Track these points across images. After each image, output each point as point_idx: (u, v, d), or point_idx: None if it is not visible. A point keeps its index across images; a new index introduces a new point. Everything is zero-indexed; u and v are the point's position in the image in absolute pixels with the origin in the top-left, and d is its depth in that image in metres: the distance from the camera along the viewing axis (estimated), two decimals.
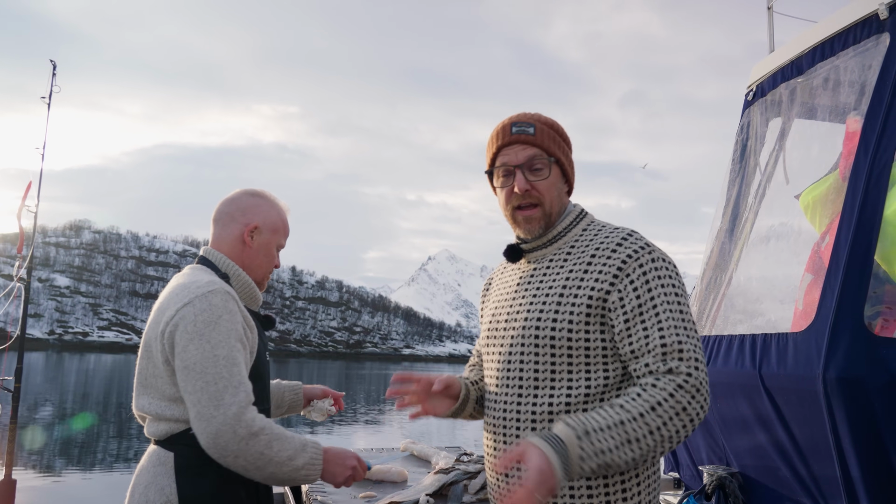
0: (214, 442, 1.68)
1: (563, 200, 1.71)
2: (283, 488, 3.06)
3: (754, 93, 3.61)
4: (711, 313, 3.40)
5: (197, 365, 1.72)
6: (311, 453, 1.78)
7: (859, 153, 2.50)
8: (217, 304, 1.79)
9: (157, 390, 1.81)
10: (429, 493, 2.50)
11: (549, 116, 1.71)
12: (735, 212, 3.57)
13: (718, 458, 2.94)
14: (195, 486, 1.76)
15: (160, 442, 1.83)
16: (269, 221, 2.05)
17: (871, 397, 2.17)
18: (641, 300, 1.52)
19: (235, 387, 1.72)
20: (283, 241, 2.11)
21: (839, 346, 2.25)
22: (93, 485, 11.71)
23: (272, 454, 1.72)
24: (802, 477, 2.41)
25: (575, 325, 1.55)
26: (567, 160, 1.71)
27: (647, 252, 1.57)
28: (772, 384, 2.48)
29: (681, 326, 1.51)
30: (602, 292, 1.55)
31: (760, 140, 3.59)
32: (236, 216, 2.03)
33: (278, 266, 2.12)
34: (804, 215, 3.02)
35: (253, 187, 2.13)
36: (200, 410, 1.70)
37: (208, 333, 1.75)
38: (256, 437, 1.70)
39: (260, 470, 1.73)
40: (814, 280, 2.72)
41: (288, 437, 1.76)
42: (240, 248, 2.01)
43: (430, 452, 3.24)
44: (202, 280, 1.86)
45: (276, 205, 2.09)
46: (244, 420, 1.69)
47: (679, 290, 1.55)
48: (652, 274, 1.54)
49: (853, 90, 2.84)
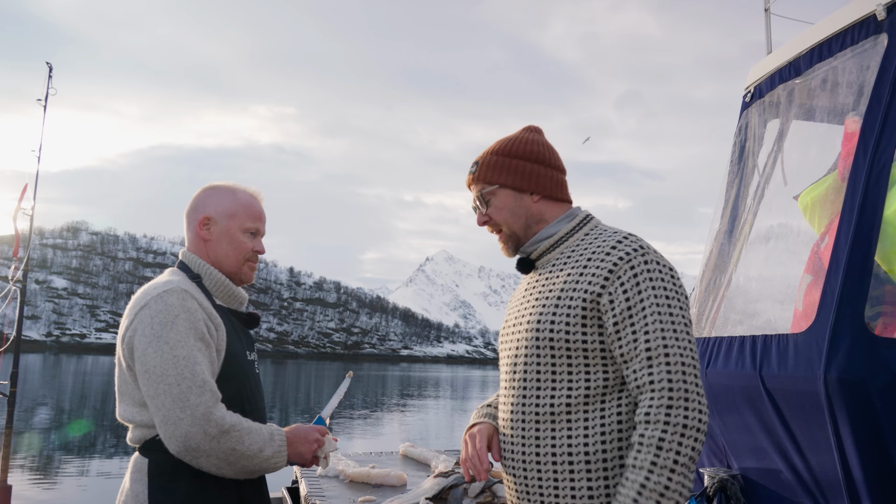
0: (185, 444, 1.65)
1: (529, 212, 1.76)
2: (281, 492, 3.05)
3: (752, 94, 3.61)
4: (711, 315, 3.40)
5: (157, 368, 1.68)
6: (278, 441, 1.78)
7: (858, 153, 2.50)
8: (173, 303, 1.75)
9: (130, 396, 1.79)
10: (429, 496, 2.49)
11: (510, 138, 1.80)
12: (734, 213, 3.56)
13: (719, 461, 2.93)
14: (167, 493, 1.73)
15: (138, 448, 1.80)
16: (222, 208, 1.97)
17: (872, 398, 2.17)
18: (630, 303, 1.54)
19: (200, 386, 1.69)
20: (251, 224, 1.99)
21: (840, 347, 2.24)
22: (88, 491, 11.67)
23: (243, 449, 1.70)
24: (804, 478, 2.40)
25: (572, 326, 1.58)
26: (516, 176, 1.75)
27: (639, 255, 1.58)
28: (772, 385, 2.48)
29: (668, 330, 1.51)
30: (594, 294, 1.57)
31: (759, 141, 3.59)
32: (190, 215, 1.98)
33: (259, 251, 2.02)
34: (803, 216, 3.02)
35: (216, 182, 2.06)
36: (166, 414, 1.66)
37: (165, 334, 1.71)
38: (227, 434, 1.68)
39: (231, 465, 1.71)
40: (813, 281, 2.71)
41: (255, 429, 1.75)
42: (202, 245, 1.96)
43: (429, 456, 3.23)
44: (161, 281, 1.83)
45: (232, 190, 2.01)
46: (213, 419, 1.67)
47: (671, 293, 1.55)
48: (643, 276, 1.55)
49: (851, 91, 2.83)
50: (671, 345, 1.49)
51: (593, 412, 1.56)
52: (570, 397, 1.57)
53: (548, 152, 1.79)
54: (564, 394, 1.58)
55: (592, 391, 1.57)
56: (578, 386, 1.57)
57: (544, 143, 1.81)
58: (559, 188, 1.78)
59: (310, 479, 2.87)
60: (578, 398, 1.57)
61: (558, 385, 1.59)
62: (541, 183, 1.75)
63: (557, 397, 1.58)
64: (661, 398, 1.46)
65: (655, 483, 1.43)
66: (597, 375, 1.57)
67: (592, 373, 1.57)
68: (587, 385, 1.57)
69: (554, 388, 1.59)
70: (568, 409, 1.57)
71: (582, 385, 1.57)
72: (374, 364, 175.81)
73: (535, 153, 1.77)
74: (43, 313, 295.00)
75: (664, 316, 1.52)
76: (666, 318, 1.51)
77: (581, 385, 1.57)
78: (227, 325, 1.88)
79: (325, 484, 2.80)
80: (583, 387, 1.57)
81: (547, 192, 1.76)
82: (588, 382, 1.57)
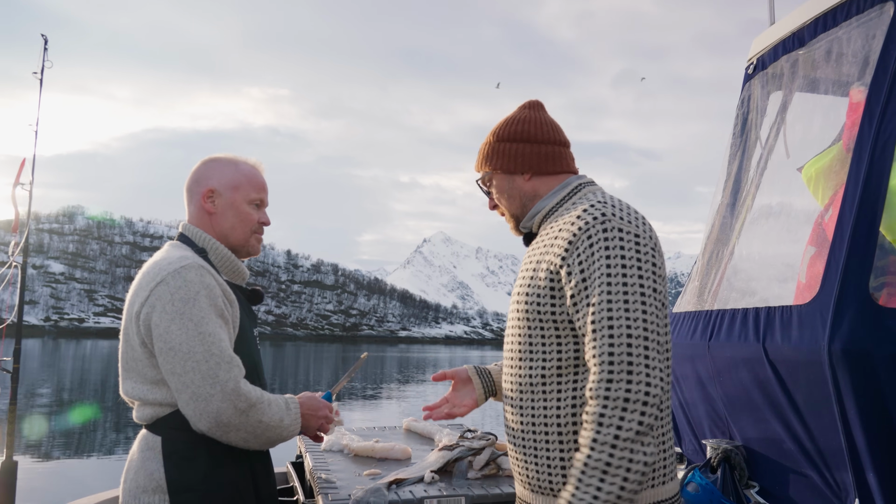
0: (216, 420, 1.65)
1: (522, 192, 1.76)
2: (286, 467, 3.07)
3: (755, 66, 3.58)
4: (713, 288, 3.40)
5: (183, 345, 1.66)
6: (294, 410, 1.81)
7: (864, 124, 2.48)
8: (192, 279, 1.72)
9: (139, 374, 1.76)
10: (433, 469, 2.50)
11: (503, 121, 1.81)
12: (736, 186, 3.55)
13: (721, 432, 2.94)
14: (184, 471, 1.72)
15: (148, 426, 1.79)
16: (225, 180, 1.95)
17: (876, 368, 2.17)
18: (585, 275, 1.50)
19: (228, 362, 1.69)
20: (255, 194, 1.98)
21: (844, 318, 2.24)
22: (92, 468, 11.75)
23: (268, 420, 1.72)
24: (807, 449, 2.41)
25: (541, 298, 1.57)
26: (503, 159, 1.76)
27: (598, 223, 1.52)
28: (776, 357, 2.48)
29: (617, 301, 1.45)
30: (556, 266, 1.55)
31: (761, 114, 3.57)
32: (192, 188, 1.95)
33: (265, 223, 2.00)
34: (807, 188, 3.00)
35: (215, 154, 2.04)
36: (196, 391, 1.65)
37: (189, 311, 1.69)
38: (255, 407, 1.69)
39: (257, 438, 1.72)
40: (817, 252, 2.70)
41: (274, 399, 1.77)
42: (207, 218, 1.93)
43: (433, 430, 3.24)
44: (173, 256, 1.79)
45: (233, 162, 1.99)
46: (242, 393, 1.67)
47: (630, 262, 1.48)
48: (597, 246, 1.50)
49: (856, 61, 2.81)
50: (617, 316, 1.44)
51: (565, 384, 1.56)
52: (545, 369, 1.58)
53: (535, 128, 1.76)
54: (539, 365, 1.59)
55: (564, 363, 1.56)
56: (551, 358, 1.58)
57: (535, 118, 1.78)
58: (549, 162, 1.74)
59: (314, 454, 2.88)
60: (552, 370, 1.57)
61: (535, 357, 1.60)
62: (527, 162, 1.74)
63: (535, 368, 1.60)
64: (601, 372, 1.43)
65: (596, 460, 1.39)
66: (567, 348, 1.56)
67: (563, 345, 1.57)
68: (559, 357, 1.57)
69: (532, 359, 1.61)
70: (543, 381, 1.58)
71: (554, 357, 1.57)
72: (372, 345, 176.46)
73: (521, 133, 1.76)
74: (41, 298, 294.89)
75: (614, 286, 1.46)
76: (616, 289, 1.46)
77: (553, 357, 1.57)
78: (239, 301, 1.87)
79: (329, 458, 2.81)
80: (555, 359, 1.57)
81: (536, 169, 1.74)
82: (560, 355, 1.57)
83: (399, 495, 2.27)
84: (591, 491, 1.38)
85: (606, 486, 1.38)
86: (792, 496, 2.54)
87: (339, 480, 2.45)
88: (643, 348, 1.42)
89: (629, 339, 1.42)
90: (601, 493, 1.38)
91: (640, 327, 1.44)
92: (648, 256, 1.50)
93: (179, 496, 1.71)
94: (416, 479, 2.42)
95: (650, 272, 1.49)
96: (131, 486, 1.75)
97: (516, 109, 1.82)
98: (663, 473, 1.56)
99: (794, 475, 2.53)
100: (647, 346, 1.43)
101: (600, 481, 1.38)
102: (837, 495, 2.33)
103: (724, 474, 2.59)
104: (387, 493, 2.23)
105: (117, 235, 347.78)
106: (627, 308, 1.44)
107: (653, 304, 1.47)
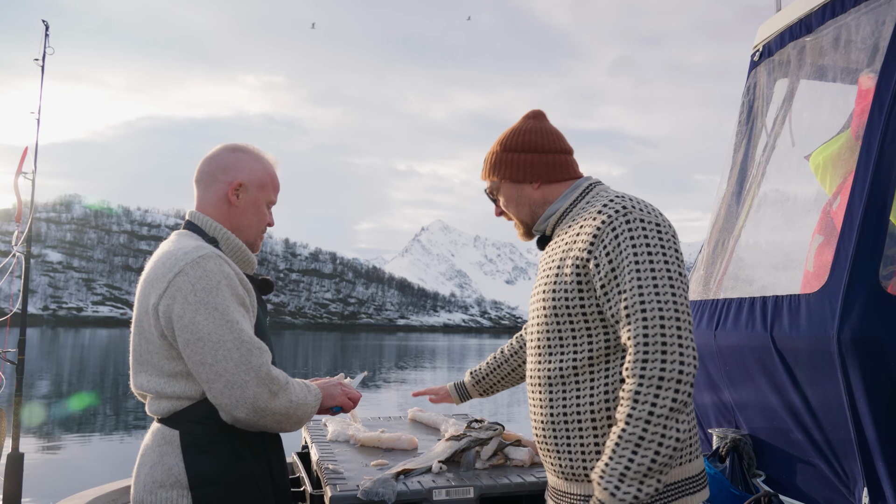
0: (253, 406, 1.65)
1: (531, 200, 1.84)
2: (293, 457, 3.06)
3: (761, 53, 3.55)
4: (718, 277, 3.38)
5: (212, 335, 1.64)
6: (314, 389, 1.84)
7: (873, 111, 2.46)
8: (212, 269, 1.69)
9: (155, 367, 1.72)
10: (441, 459, 2.49)
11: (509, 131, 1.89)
12: (742, 174, 3.53)
13: (728, 421, 2.94)
14: (205, 465, 1.70)
15: (163, 420, 1.75)
16: (255, 176, 1.92)
17: (886, 357, 2.16)
18: (613, 265, 1.57)
19: (259, 347, 1.69)
20: (274, 196, 1.97)
21: (854, 307, 2.22)
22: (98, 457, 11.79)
23: (298, 400, 1.74)
24: (815, 439, 2.41)
25: (569, 293, 1.65)
26: (512, 169, 1.84)
27: (621, 215, 1.61)
28: (784, 346, 2.47)
29: (647, 286, 1.53)
30: (583, 260, 1.62)
31: (767, 101, 3.54)
32: (218, 175, 1.89)
33: (272, 224, 1.99)
34: (814, 176, 2.98)
35: (235, 142, 1.99)
36: (230, 379, 1.63)
37: (213, 301, 1.66)
38: (285, 389, 1.71)
39: (289, 419, 1.74)
40: (825, 241, 2.69)
41: (295, 381, 1.79)
42: (226, 209, 1.89)
43: (439, 420, 3.23)
44: (188, 246, 1.75)
45: (261, 158, 1.96)
46: (274, 377, 1.69)
47: (654, 248, 1.56)
48: (623, 236, 1.58)
49: (865, 48, 2.78)
50: (648, 300, 1.52)
51: (598, 373, 1.63)
52: (576, 360, 1.65)
53: (541, 139, 1.85)
54: (570, 357, 1.66)
55: (595, 354, 1.63)
56: (582, 349, 1.65)
57: (540, 129, 1.86)
58: (557, 171, 1.83)
59: (321, 444, 2.88)
60: (583, 361, 1.64)
61: (565, 350, 1.67)
62: (536, 171, 1.82)
63: (564, 361, 1.67)
64: (636, 353, 1.50)
65: (630, 433, 1.47)
66: (598, 338, 1.64)
67: (594, 336, 1.64)
68: (590, 348, 1.64)
69: (562, 352, 1.68)
70: (574, 372, 1.65)
71: (585, 348, 1.64)
72: (371, 334, 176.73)
73: (528, 143, 1.84)
74: (39, 287, 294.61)
75: (643, 273, 1.54)
76: (645, 275, 1.54)
77: (584, 349, 1.64)
78: (254, 291, 1.86)
79: (335, 449, 2.80)
80: (586, 350, 1.64)
81: (544, 178, 1.82)
82: (591, 346, 1.64)
83: (408, 486, 2.26)
84: (623, 461, 1.46)
85: (638, 459, 1.45)
86: (799, 485, 2.54)
87: (346, 471, 2.44)
88: (675, 328, 1.50)
89: (662, 322, 1.50)
90: (633, 464, 1.45)
91: (670, 309, 1.51)
92: (670, 243, 1.59)
93: (201, 490, 1.68)
94: (424, 470, 2.42)
95: (674, 258, 1.57)
96: (146, 481, 1.72)
97: (520, 120, 1.91)
98: (690, 451, 1.64)
99: (801, 464, 2.52)
100: (679, 327, 1.50)
101: (633, 453, 1.46)
102: (845, 484, 2.32)
103: (733, 463, 2.59)
104: (395, 484, 2.22)
105: (115, 224, 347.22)
106: (658, 292, 1.52)
107: (680, 287, 1.55)
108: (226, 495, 1.71)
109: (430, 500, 2.23)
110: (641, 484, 1.46)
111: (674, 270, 1.56)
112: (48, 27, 4.34)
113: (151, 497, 1.70)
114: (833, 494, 2.38)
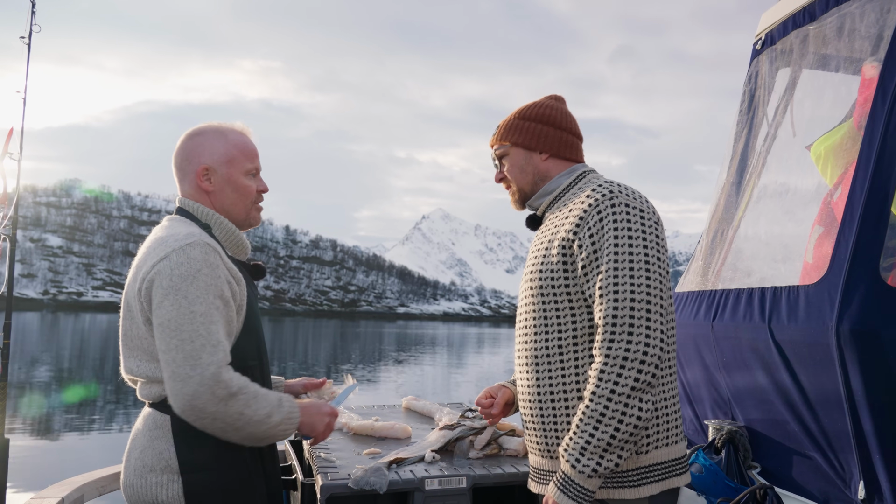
0: (191, 404, 1.59)
1: (537, 169, 1.89)
2: (284, 445, 3.04)
3: (763, 41, 3.50)
4: (717, 267, 3.36)
5: (172, 322, 1.62)
6: (288, 408, 1.73)
7: (877, 100, 2.42)
8: (196, 257, 1.67)
9: (144, 351, 1.72)
10: (434, 449, 2.47)
11: (530, 104, 1.94)
12: (742, 165, 3.49)
13: (723, 413, 2.92)
14: (196, 450, 1.69)
15: (154, 405, 1.74)
16: (217, 155, 1.88)
17: (885, 349, 2.14)
18: (595, 247, 1.62)
19: (214, 346, 1.63)
20: (249, 164, 1.92)
21: (853, 298, 2.20)
22: (88, 444, 11.77)
23: (251, 413, 1.64)
24: (812, 431, 2.39)
25: (555, 272, 1.69)
26: (526, 135, 1.88)
27: (607, 199, 1.65)
28: (781, 337, 2.45)
29: (623, 268, 1.58)
30: (569, 241, 1.67)
31: (769, 91, 3.50)
32: (184, 166, 1.88)
33: (264, 190, 1.95)
34: (815, 166, 2.95)
35: (197, 125, 1.95)
36: (175, 370, 1.60)
37: (185, 288, 1.64)
38: (235, 397, 1.62)
39: (238, 431, 1.65)
40: (825, 232, 2.66)
41: (263, 394, 1.69)
42: (205, 197, 1.87)
43: (433, 409, 3.22)
44: (180, 233, 1.74)
45: (222, 133, 1.91)
46: (223, 380, 1.61)
47: (636, 233, 1.61)
48: (607, 220, 1.62)
49: (869, 36, 2.74)
50: (622, 281, 1.57)
51: (582, 352, 1.68)
52: (561, 339, 1.70)
53: (561, 116, 1.91)
54: (556, 336, 1.71)
55: (579, 333, 1.69)
56: (566, 328, 1.69)
57: (560, 108, 1.93)
58: (568, 148, 1.88)
59: None
60: (567, 340, 1.69)
61: (551, 329, 1.72)
62: (548, 142, 1.87)
63: (551, 340, 1.71)
64: (604, 332, 1.56)
65: (592, 410, 1.54)
66: (581, 318, 1.68)
67: (578, 316, 1.69)
68: (574, 328, 1.69)
69: (548, 331, 1.72)
70: (560, 351, 1.70)
71: (570, 328, 1.69)
72: (370, 322, 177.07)
73: (547, 116, 1.90)
74: (39, 271, 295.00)
75: (620, 255, 1.58)
76: (623, 257, 1.58)
77: (569, 328, 1.69)
78: (245, 279, 1.83)
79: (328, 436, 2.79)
80: (570, 329, 1.69)
81: (554, 152, 1.87)
82: (575, 325, 1.69)
83: (399, 475, 2.25)
84: (584, 437, 1.54)
85: (598, 434, 1.53)
86: (795, 478, 2.52)
87: (338, 459, 2.43)
88: (645, 311, 1.55)
89: (632, 303, 1.55)
90: (593, 439, 1.53)
91: (643, 292, 1.56)
92: (652, 229, 1.64)
93: (191, 475, 1.68)
94: (417, 459, 2.40)
95: (654, 243, 1.62)
96: (137, 466, 1.71)
97: (542, 98, 1.97)
98: (676, 433, 1.71)
99: (797, 457, 2.51)
100: (648, 310, 1.55)
101: (594, 429, 1.53)
102: (842, 477, 2.31)
103: (729, 455, 2.57)
104: (387, 473, 2.21)
105: (115, 209, 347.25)
106: (632, 275, 1.57)
107: (656, 272, 1.59)
108: (216, 481, 1.70)
109: (423, 489, 2.21)
110: (601, 458, 1.52)
111: (651, 255, 1.61)
112: (34, 3, 4.28)
113: (142, 481, 1.69)
114: (829, 487, 2.37)
